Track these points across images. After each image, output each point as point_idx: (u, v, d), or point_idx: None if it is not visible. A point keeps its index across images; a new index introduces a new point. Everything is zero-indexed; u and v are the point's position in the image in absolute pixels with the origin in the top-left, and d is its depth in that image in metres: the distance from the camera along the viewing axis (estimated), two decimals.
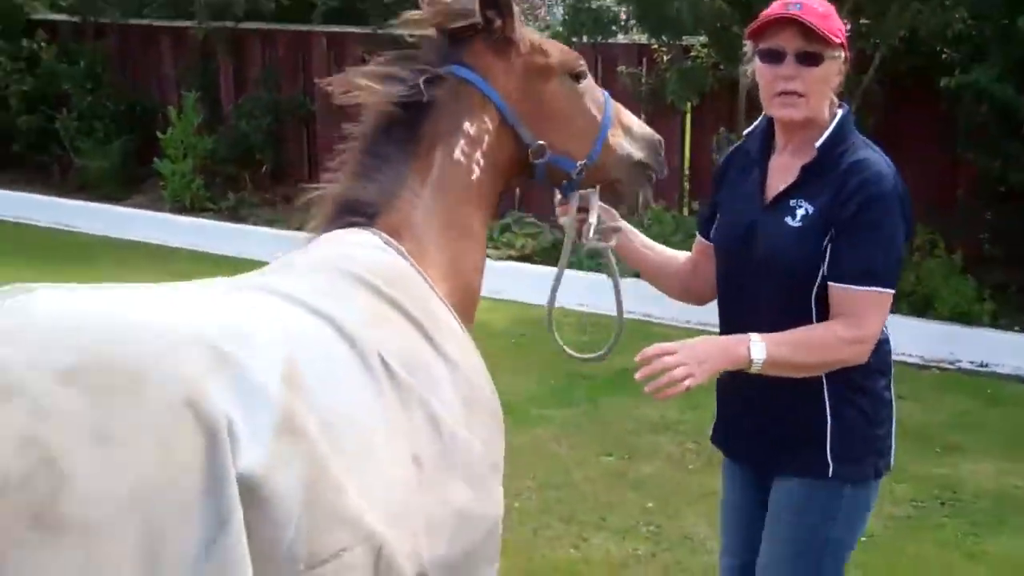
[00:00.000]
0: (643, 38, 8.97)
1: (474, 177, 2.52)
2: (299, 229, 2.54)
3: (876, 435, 2.66)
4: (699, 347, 2.46)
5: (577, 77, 2.64)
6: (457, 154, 2.50)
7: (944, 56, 7.09)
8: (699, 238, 2.94)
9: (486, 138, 2.55)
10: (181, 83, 11.81)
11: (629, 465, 5.27)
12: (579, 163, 2.62)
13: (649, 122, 3.02)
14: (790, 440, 2.67)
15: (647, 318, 6.84)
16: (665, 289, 3.03)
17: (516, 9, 2.54)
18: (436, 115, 2.50)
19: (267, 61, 11.43)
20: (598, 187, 2.70)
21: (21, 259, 9.35)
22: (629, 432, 5.71)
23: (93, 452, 1.63)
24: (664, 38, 8.18)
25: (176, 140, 11.15)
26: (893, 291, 2.52)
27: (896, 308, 2.82)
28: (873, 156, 2.55)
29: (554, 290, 2.84)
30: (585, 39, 8.48)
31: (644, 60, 9.23)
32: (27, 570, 1.58)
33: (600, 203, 2.72)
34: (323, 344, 2.06)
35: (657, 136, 2.80)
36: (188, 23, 11.37)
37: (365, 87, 2.49)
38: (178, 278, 5.26)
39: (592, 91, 2.69)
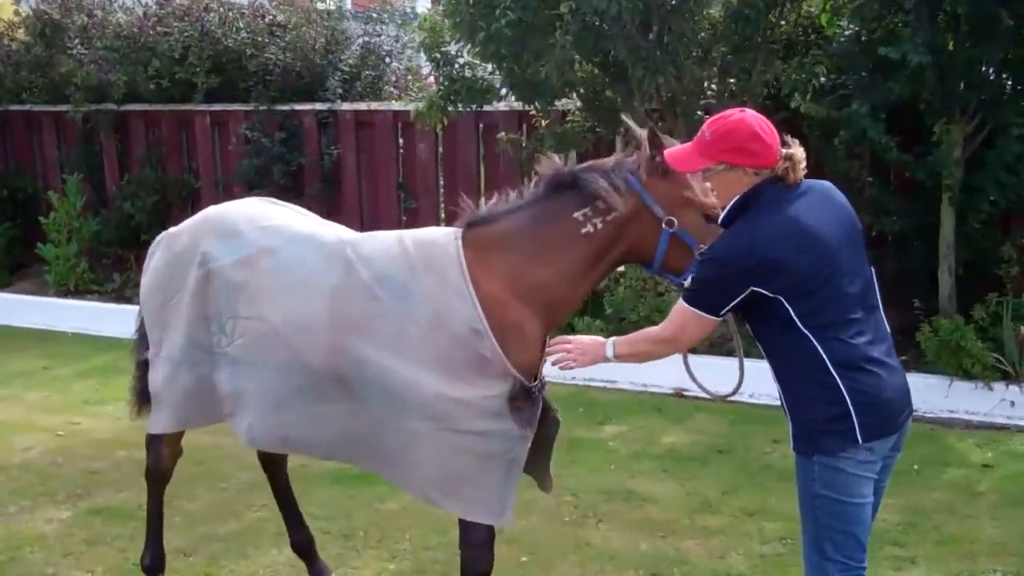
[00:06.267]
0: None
1: (583, 231, 3.62)
2: None
3: (816, 418, 3.23)
4: (584, 343, 3.63)
5: (709, 219, 3.51)
6: (577, 215, 3.63)
7: (805, 110, 7.29)
8: None
9: (614, 213, 3.59)
10: (64, 167, 11.65)
11: None
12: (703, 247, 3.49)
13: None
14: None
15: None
16: None
17: (668, 152, 3.48)
18: (581, 192, 3.65)
19: (151, 141, 11.34)
20: None
21: None
22: None
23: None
24: (536, 105, 8.28)
25: (59, 224, 10.98)
26: (694, 309, 3.29)
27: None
28: (733, 233, 3.29)
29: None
30: (461, 107, 8.56)
31: (524, 126, 9.37)
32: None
33: None
34: (313, 245, 3.92)
35: None
36: (68, 107, 11.24)
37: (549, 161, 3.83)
38: (61, 360, 5.93)
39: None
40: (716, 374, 4.00)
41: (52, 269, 10.96)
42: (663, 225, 3.58)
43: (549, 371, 3.83)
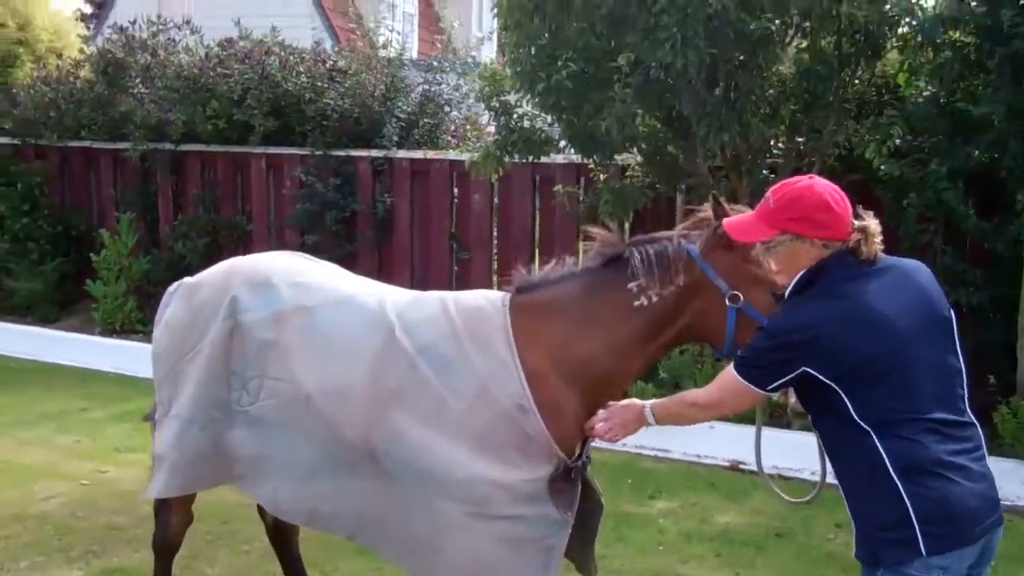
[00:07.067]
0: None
1: (636, 304, 3.38)
2: None
3: (875, 524, 2.95)
4: (620, 415, 3.41)
5: (779, 298, 3.22)
6: (631, 285, 3.39)
7: (883, 172, 6.92)
8: None
9: (671, 288, 3.35)
10: (120, 205, 11.59)
11: None
12: None
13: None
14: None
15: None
16: None
17: (728, 221, 3.22)
18: (634, 264, 3.41)
19: (206, 182, 11.23)
20: None
21: None
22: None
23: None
24: (595, 158, 7.98)
25: (110, 262, 10.89)
26: (740, 378, 3.06)
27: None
28: (793, 306, 3.07)
29: (758, 444, 3.70)
30: (517, 158, 8.28)
31: (582, 179, 9.08)
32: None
33: None
34: (352, 308, 3.63)
35: None
36: (126, 145, 11.20)
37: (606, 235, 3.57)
38: (99, 401, 5.60)
39: None
40: (775, 449, 3.75)
41: (100, 307, 10.86)
42: (727, 301, 3.28)
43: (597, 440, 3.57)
